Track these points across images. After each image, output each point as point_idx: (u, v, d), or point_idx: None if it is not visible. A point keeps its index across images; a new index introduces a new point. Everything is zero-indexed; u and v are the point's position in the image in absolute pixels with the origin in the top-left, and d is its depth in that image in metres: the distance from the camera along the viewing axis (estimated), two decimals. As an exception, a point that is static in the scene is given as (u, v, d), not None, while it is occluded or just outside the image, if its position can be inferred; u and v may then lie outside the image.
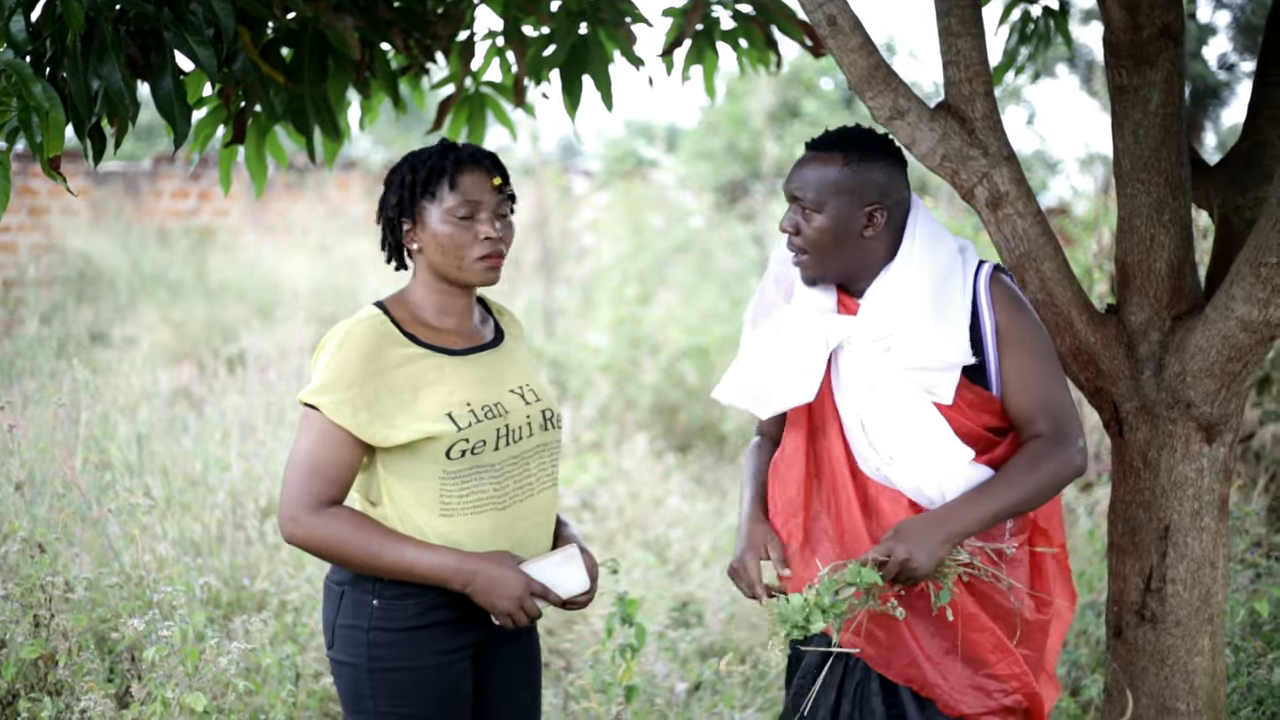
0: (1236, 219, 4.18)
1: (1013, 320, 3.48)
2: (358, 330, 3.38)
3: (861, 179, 3.47)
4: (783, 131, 17.92)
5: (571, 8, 4.75)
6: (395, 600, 3.39)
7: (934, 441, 3.44)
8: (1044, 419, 3.47)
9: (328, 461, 3.35)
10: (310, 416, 3.36)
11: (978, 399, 3.48)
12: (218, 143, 4.77)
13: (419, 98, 5.35)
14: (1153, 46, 3.84)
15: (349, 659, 3.43)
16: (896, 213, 3.52)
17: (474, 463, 3.40)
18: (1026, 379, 3.48)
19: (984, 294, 3.49)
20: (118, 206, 14.70)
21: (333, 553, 3.35)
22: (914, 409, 3.46)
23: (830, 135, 3.54)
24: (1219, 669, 4.01)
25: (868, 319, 3.49)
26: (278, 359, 10.35)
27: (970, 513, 3.36)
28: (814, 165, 3.51)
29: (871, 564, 3.31)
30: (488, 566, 3.35)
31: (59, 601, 4.81)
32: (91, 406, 6.87)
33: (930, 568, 3.31)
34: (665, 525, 8.35)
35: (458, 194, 3.41)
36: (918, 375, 3.45)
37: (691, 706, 5.70)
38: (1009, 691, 3.51)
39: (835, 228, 3.47)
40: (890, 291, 3.48)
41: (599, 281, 13.88)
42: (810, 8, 3.68)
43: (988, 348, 3.47)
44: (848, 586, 3.30)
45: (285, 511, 3.35)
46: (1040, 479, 3.41)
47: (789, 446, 3.63)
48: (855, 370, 3.52)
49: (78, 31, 3.37)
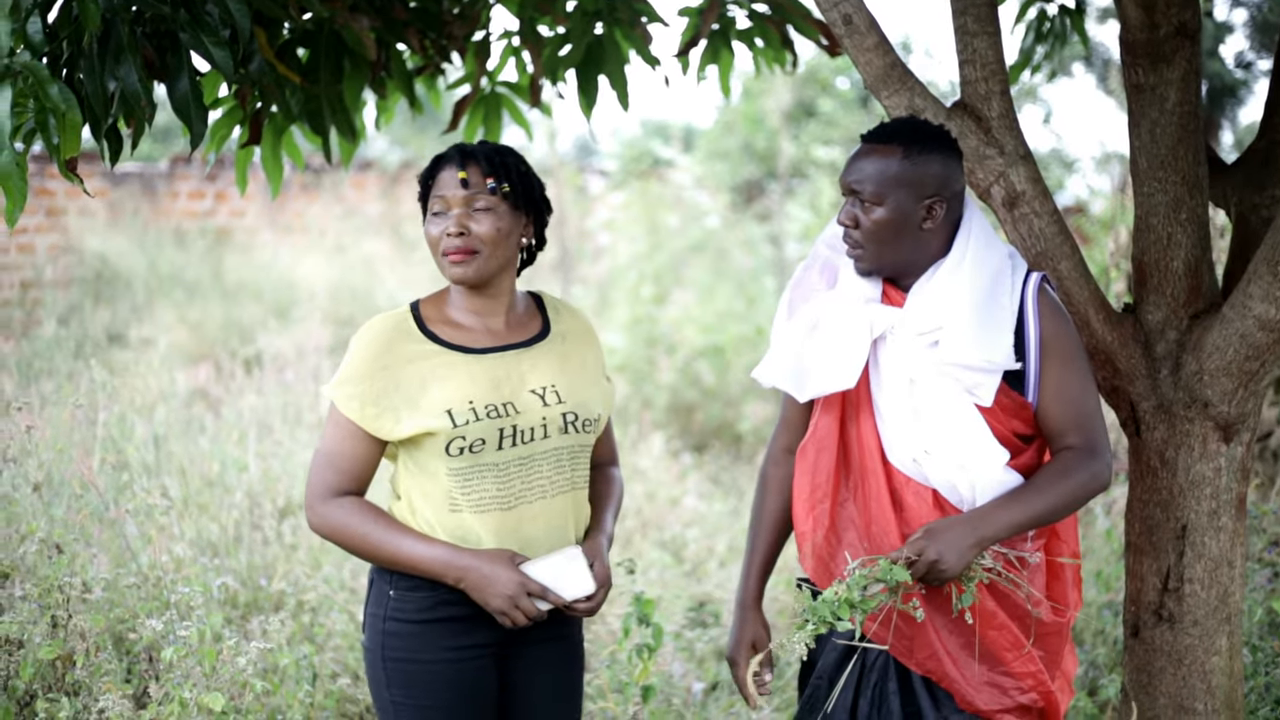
0: (1254, 217, 4.17)
1: (1057, 331, 3.47)
2: (375, 326, 3.46)
3: (921, 171, 3.44)
4: (799, 131, 17.91)
5: (587, 7, 4.76)
6: (408, 592, 3.44)
7: (972, 440, 3.44)
8: (1077, 432, 3.47)
9: (339, 452, 3.43)
10: (332, 409, 3.46)
11: (1013, 404, 3.47)
12: (234, 143, 4.78)
13: (435, 98, 5.36)
14: (1169, 45, 3.84)
15: (370, 645, 3.51)
16: (954, 204, 3.50)
17: (474, 461, 3.42)
18: (1064, 390, 3.47)
19: (1031, 302, 3.47)
20: (134, 207, 14.74)
21: (342, 542, 3.44)
22: (954, 406, 3.45)
23: (888, 127, 3.52)
24: (1236, 668, 4.01)
25: (915, 312, 3.47)
26: (294, 359, 10.37)
27: (1001, 518, 3.35)
28: (873, 158, 3.48)
29: (903, 562, 3.31)
30: (480, 564, 3.37)
31: (76, 602, 4.81)
32: (109, 407, 6.89)
33: (958, 570, 3.31)
34: (682, 525, 8.35)
35: (435, 194, 3.47)
36: (959, 373, 3.43)
37: (708, 706, 5.71)
38: (1025, 690, 3.51)
39: (895, 220, 3.45)
40: (941, 287, 3.47)
41: (615, 281, 13.88)
42: (826, 7, 3.68)
43: (1030, 355, 3.46)
44: (876, 583, 3.30)
45: (307, 499, 3.46)
46: (1070, 490, 3.41)
47: (820, 431, 3.61)
48: (895, 362, 3.51)
49: (94, 33, 3.38)
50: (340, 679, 5.47)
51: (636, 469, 9.30)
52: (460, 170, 3.45)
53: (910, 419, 3.49)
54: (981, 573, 3.37)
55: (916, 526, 3.45)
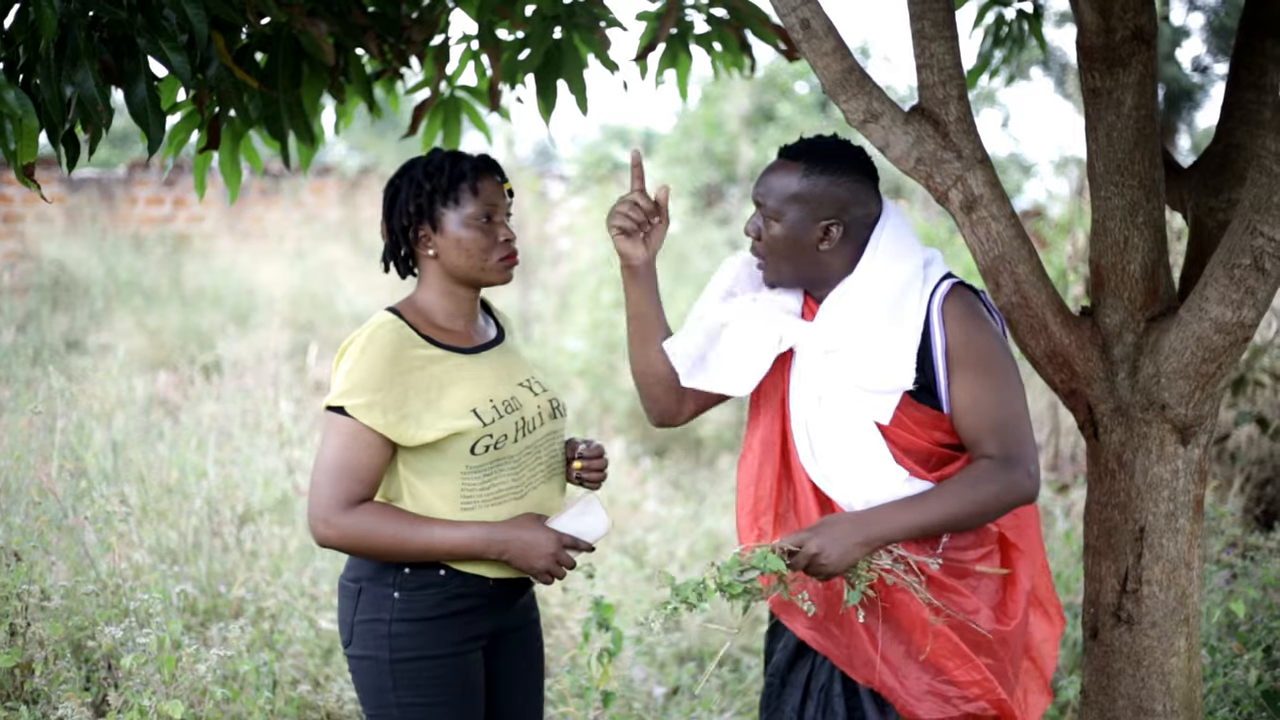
0: (1210, 221, 4.19)
1: (966, 339, 3.45)
2: (380, 334, 3.47)
3: (820, 192, 3.46)
4: (758, 136, 17.92)
5: (546, 12, 4.75)
6: (416, 592, 3.47)
7: (869, 460, 3.45)
8: (992, 441, 3.44)
9: (358, 463, 3.42)
10: (337, 421, 3.43)
11: (926, 417, 3.47)
12: (192, 149, 4.76)
13: (394, 102, 5.35)
14: (1125, 49, 3.86)
15: (370, 653, 3.50)
16: (856, 228, 3.50)
17: (497, 456, 3.50)
18: (976, 400, 3.45)
19: (936, 312, 3.46)
20: (92, 213, 14.68)
21: (366, 546, 3.43)
22: (855, 425, 3.46)
23: (799, 144, 3.54)
24: (1195, 670, 4.02)
25: (819, 329, 3.50)
26: (254, 365, 10.33)
27: (894, 519, 3.37)
28: (778, 173, 3.51)
29: (781, 552, 3.32)
30: (519, 532, 3.46)
31: (35, 610, 4.79)
32: (67, 414, 6.86)
33: (840, 566, 3.32)
34: (643, 529, 8.35)
35: (479, 200, 3.53)
36: (858, 393, 3.45)
37: (669, 711, 5.71)
38: (970, 699, 3.50)
39: (789, 237, 3.48)
40: (843, 305, 3.49)
41: (575, 286, 13.88)
42: (784, 11, 3.68)
43: (937, 367, 3.46)
44: (751, 570, 3.32)
45: (317, 514, 3.43)
46: (977, 498, 3.39)
47: (760, 442, 3.63)
48: (805, 379, 3.54)
49: (50, 38, 3.36)
50: (300, 685, 5.46)
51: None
52: (505, 181, 3.61)
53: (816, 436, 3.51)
54: (867, 574, 3.37)
55: None
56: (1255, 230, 3.55)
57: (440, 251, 3.55)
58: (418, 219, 3.55)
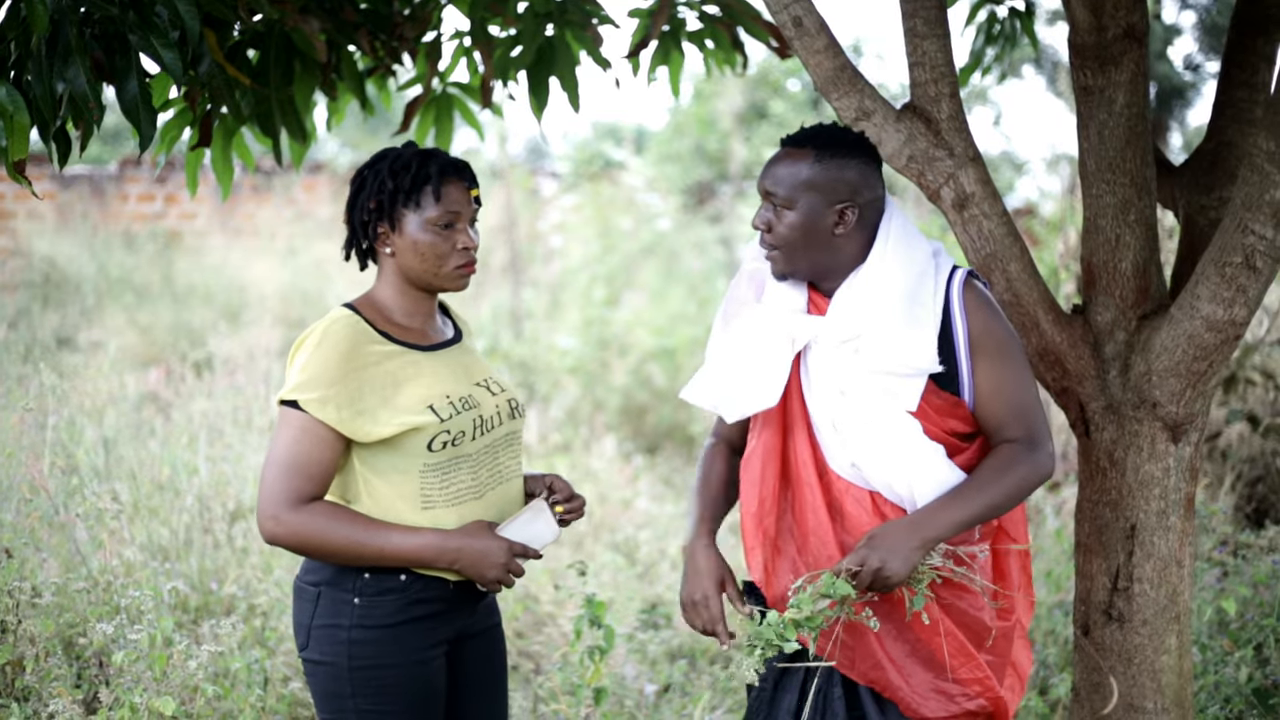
0: (1201, 219, 4.20)
1: (986, 327, 3.45)
2: (335, 329, 3.41)
3: (833, 176, 3.44)
4: (750, 133, 17.95)
5: (538, 9, 4.75)
6: (377, 598, 3.41)
7: (905, 444, 3.43)
8: (1017, 424, 3.45)
9: (309, 459, 3.36)
10: (289, 415, 3.37)
11: (945, 404, 3.46)
12: (184, 146, 4.75)
13: (386, 99, 5.34)
14: (1117, 47, 3.86)
15: (327, 658, 3.44)
16: (869, 212, 3.48)
17: (454, 454, 3.45)
18: (1000, 386, 3.45)
19: (956, 300, 3.45)
20: (83, 210, 14.67)
21: (316, 547, 3.37)
22: (884, 413, 3.44)
23: (804, 132, 3.52)
24: (1186, 667, 4.03)
25: (835, 320, 3.46)
26: (245, 362, 10.31)
27: (944, 517, 3.34)
28: (786, 162, 3.49)
29: (845, 574, 3.29)
30: (470, 541, 3.40)
31: (26, 607, 4.79)
32: (58, 411, 6.85)
33: (905, 575, 3.29)
34: (634, 527, 8.34)
35: (441, 205, 3.45)
36: (883, 380, 3.43)
37: (661, 708, 5.70)
38: (971, 696, 3.49)
39: (805, 225, 3.45)
40: (860, 293, 3.46)
41: (567, 283, 13.88)
42: (776, 9, 3.69)
43: (959, 354, 3.45)
44: (823, 599, 3.28)
45: (265, 510, 3.36)
46: (1012, 483, 3.39)
47: (763, 444, 3.59)
48: (823, 372, 3.50)
49: (42, 35, 3.36)
50: (292, 683, 5.46)
51: (588, 471, 9.30)
52: (473, 188, 3.53)
53: (845, 428, 3.48)
54: (930, 572, 3.36)
55: (857, 534, 3.44)
56: (1247, 228, 3.56)
57: (397, 252, 3.49)
58: (377, 216, 3.49)
